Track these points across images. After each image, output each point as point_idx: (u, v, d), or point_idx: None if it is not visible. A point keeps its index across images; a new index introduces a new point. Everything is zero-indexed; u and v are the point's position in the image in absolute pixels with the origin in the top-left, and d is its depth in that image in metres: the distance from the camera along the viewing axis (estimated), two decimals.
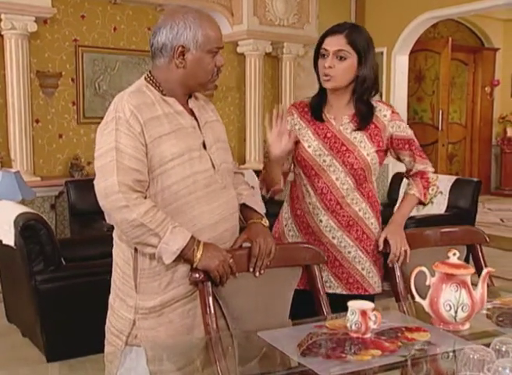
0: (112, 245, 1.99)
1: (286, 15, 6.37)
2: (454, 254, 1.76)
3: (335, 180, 2.14)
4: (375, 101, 2.21)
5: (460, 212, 5.12)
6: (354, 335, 1.64)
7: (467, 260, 2.35)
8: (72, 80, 5.47)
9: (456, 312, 1.69)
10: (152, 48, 1.89)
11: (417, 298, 1.79)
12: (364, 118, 2.15)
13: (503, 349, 1.32)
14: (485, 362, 1.24)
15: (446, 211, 5.18)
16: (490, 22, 9.09)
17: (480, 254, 2.37)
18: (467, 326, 1.73)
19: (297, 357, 1.50)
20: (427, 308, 1.77)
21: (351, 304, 1.66)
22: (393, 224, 2.22)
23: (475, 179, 5.62)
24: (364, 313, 1.63)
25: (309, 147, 2.16)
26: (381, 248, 2.18)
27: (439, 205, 5.21)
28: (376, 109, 2.19)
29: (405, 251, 2.16)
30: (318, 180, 2.16)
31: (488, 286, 2.32)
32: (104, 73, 5.62)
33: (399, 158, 2.27)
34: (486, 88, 9.30)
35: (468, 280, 1.73)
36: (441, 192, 5.16)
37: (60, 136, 5.46)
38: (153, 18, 5.86)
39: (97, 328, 3.14)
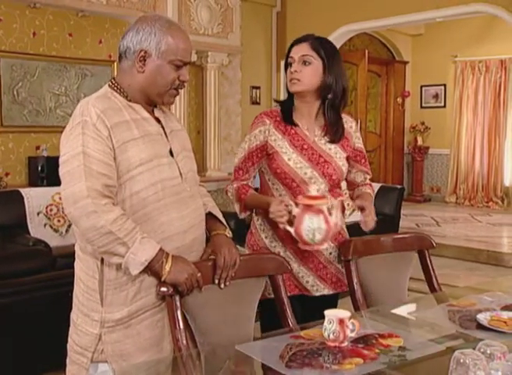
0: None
1: (210, 24, 6.38)
2: (314, 188, 2.05)
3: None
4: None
5: (386, 219, 5.28)
6: (332, 344, 1.64)
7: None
8: None
9: (313, 234, 2.00)
10: (119, 51, 1.87)
11: (287, 227, 2.04)
12: (337, 131, 2.22)
13: (488, 352, 1.36)
14: (476, 365, 1.28)
15: None
16: (400, 36, 9.52)
17: (428, 258, 2.46)
18: (325, 245, 2.09)
19: (283, 369, 1.48)
20: (293, 234, 2.04)
21: (328, 313, 1.66)
22: (365, 196, 2.28)
23: (399, 186, 5.84)
24: (341, 322, 1.63)
25: (289, 160, 2.17)
26: (357, 210, 2.23)
27: None
28: (343, 121, 2.27)
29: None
30: (299, 191, 2.17)
31: (436, 291, 2.43)
32: (24, 79, 5.34)
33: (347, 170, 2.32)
34: (398, 99, 9.71)
35: (324, 208, 2.02)
36: None
37: None
38: (74, 23, 5.67)
39: (33, 352, 2.99)
